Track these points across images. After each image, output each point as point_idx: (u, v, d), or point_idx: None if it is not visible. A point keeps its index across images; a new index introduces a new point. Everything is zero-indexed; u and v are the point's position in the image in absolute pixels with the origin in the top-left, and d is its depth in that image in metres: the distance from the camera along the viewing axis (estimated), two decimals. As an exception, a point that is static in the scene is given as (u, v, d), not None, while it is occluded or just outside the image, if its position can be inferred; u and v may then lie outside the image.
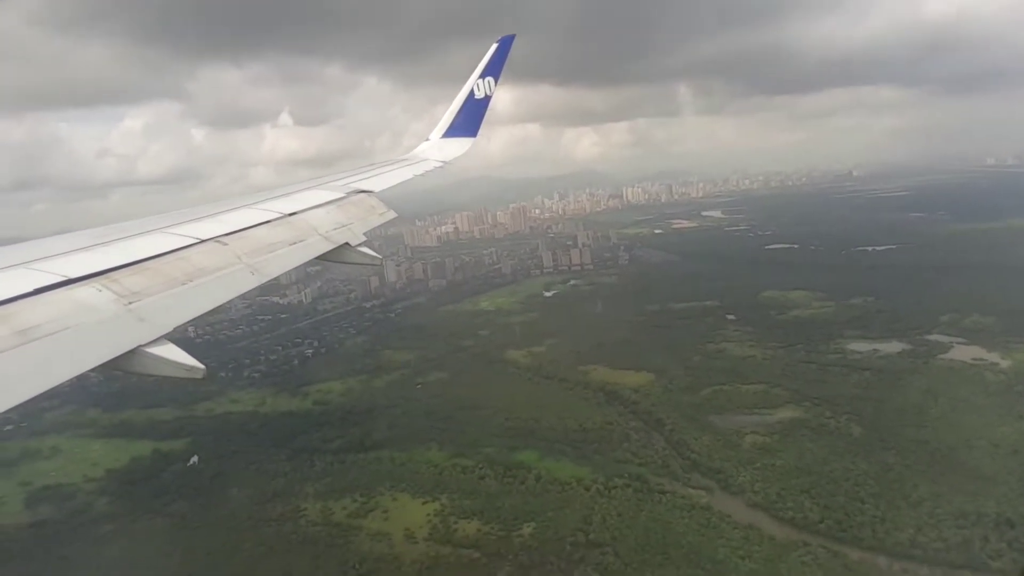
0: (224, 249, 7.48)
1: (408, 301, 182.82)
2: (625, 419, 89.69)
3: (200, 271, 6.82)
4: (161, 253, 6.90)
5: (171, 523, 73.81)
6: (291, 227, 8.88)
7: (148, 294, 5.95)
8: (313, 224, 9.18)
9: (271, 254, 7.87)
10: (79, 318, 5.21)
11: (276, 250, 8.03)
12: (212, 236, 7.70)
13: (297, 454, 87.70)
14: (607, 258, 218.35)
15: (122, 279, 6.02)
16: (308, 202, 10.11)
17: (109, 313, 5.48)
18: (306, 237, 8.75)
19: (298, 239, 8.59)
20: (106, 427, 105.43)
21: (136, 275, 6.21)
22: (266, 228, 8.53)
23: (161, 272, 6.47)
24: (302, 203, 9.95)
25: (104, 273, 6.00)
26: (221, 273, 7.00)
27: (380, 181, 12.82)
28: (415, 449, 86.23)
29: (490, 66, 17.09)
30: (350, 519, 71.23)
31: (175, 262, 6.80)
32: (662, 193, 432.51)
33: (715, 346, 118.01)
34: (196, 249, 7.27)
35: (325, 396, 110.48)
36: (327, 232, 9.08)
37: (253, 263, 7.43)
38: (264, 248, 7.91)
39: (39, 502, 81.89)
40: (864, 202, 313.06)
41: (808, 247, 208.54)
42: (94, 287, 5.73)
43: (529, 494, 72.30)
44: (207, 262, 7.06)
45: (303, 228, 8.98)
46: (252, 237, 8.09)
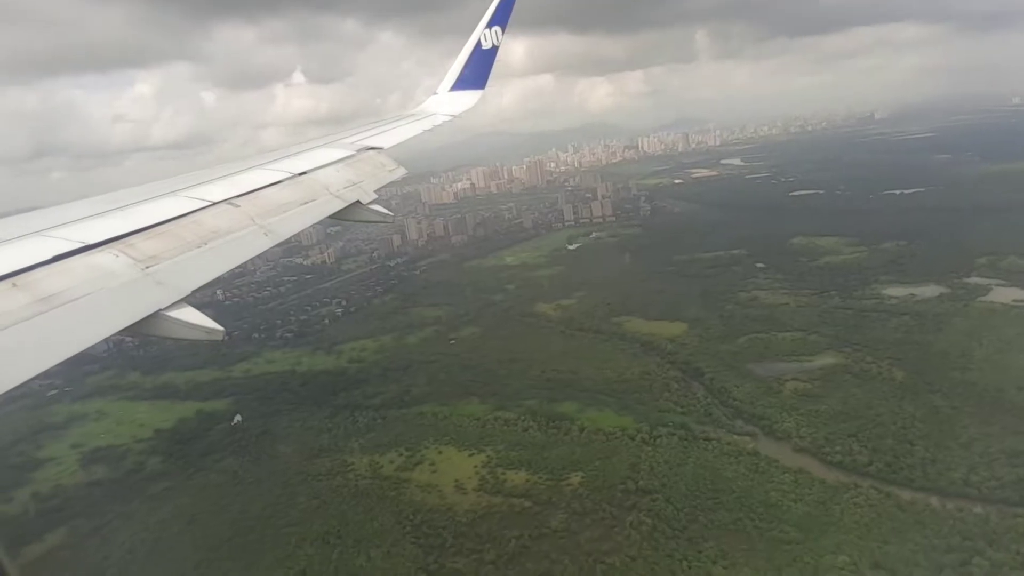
0: (237, 211, 7.48)
1: (432, 258, 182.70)
2: (663, 369, 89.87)
3: (214, 234, 6.83)
4: (175, 217, 6.90)
5: (224, 479, 75.50)
6: (302, 187, 8.86)
7: (164, 258, 6.00)
8: (324, 183, 9.14)
9: (283, 214, 7.85)
10: (99, 284, 5.27)
11: (288, 210, 8.02)
12: (224, 198, 7.69)
13: (339, 411, 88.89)
14: (628, 209, 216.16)
15: (138, 244, 6.05)
16: (318, 161, 10.06)
17: (128, 278, 5.53)
18: (317, 196, 8.73)
19: (309, 198, 8.58)
20: (148, 389, 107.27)
21: (152, 239, 6.24)
22: (277, 189, 8.52)
23: (176, 236, 6.49)
24: (312, 162, 9.91)
25: (120, 238, 6.04)
26: (235, 235, 7.03)
27: (389, 137, 12.66)
28: (456, 403, 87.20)
29: (497, 15, 16.44)
30: (398, 472, 72.42)
31: (189, 225, 6.82)
32: (679, 142, 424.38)
33: (747, 294, 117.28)
34: (209, 212, 7.28)
35: (360, 354, 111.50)
36: (338, 191, 9.06)
37: (266, 224, 7.44)
38: (276, 209, 7.90)
39: (93, 462, 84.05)
40: (889, 145, 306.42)
41: (834, 192, 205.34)
42: (111, 253, 5.78)
43: (574, 444, 73.00)
44: (220, 224, 7.06)
45: (314, 187, 8.95)
46: (264, 198, 8.08)
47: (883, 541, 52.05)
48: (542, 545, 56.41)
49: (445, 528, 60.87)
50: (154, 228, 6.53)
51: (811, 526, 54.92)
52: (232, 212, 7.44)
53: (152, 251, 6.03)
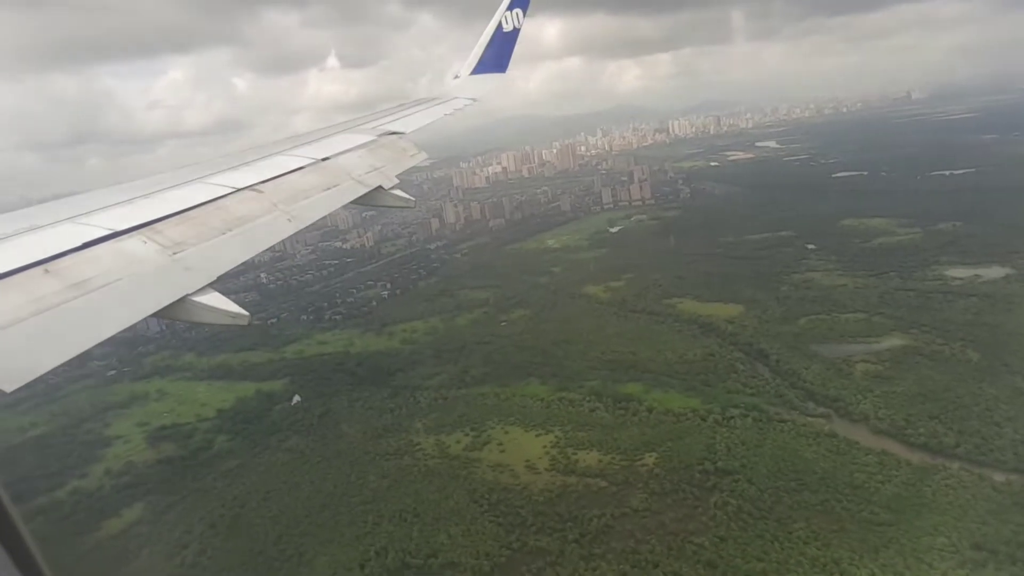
0: (261, 197, 7.56)
1: (471, 241, 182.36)
2: (726, 350, 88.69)
3: (239, 220, 6.91)
4: (200, 203, 6.98)
5: (292, 458, 76.12)
6: (325, 172, 8.92)
7: (191, 244, 6.07)
8: (346, 168, 9.20)
9: (306, 200, 7.92)
10: (128, 270, 5.34)
11: (311, 196, 8.08)
12: (248, 184, 7.77)
13: (399, 391, 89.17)
14: (667, 192, 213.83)
15: (165, 230, 6.14)
16: (340, 146, 10.13)
17: (156, 264, 5.62)
18: (340, 182, 8.79)
19: (332, 184, 8.64)
20: (205, 370, 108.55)
21: (178, 226, 6.32)
22: (300, 174, 8.59)
23: (202, 222, 6.57)
24: (334, 148, 9.97)
25: (148, 225, 6.12)
26: (259, 221, 7.10)
27: (410, 122, 12.60)
28: (516, 384, 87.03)
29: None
30: (466, 452, 72.43)
31: (214, 211, 6.91)
32: (710, 125, 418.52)
33: (801, 276, 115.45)
34: (234, 198, 7.37)
35: (411, 335, 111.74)
36: (360, 176, 9.11)
37: (289, 210, 7.50)
38: (299, 194, 7.96)
39: (160, 440, 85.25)
40: (929, 126, 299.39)
41: (879, 173, 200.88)
42: (139, 239, 5.86)
43: (644, 425, 72.42)
44: (245, 210, 7.15)
45: (336, 173, 9.02)
46: (287, 184, 8.15)
47: (981, 522, 50.84)
48: (625, 524, 56.00)
49: (523, 507, 60.68)
50: (181, 214, 6.60)
51: (903, 507, 53.83)
52: (256, 198, 7.52)
53: (179, 237, 6.11)
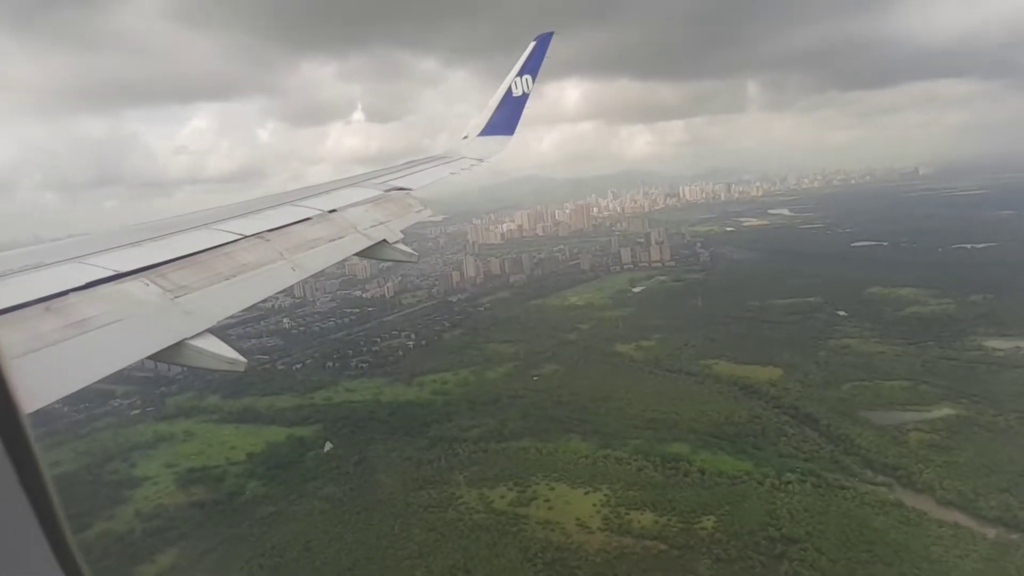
0: (267, 245, 7.62)
1: (493, 295, 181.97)
2: (771, 413, 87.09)
3: (243, 266, 6.96)
4: (206, 248, 7.03)
5: (329, 507, 73.68)
6: (331, 224, 9.04)
7: (194, 288, 6.11)
8: (352, 221, 9.34)
9: (312, 250, 8.01)
10: (128, 311, 5.39)
11: (316, 246, 8.17)
12: (255, 232, 7.81)
13: (436, 442, 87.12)
14: (686, 255, 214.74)
15: (169, 273, 6.18)
16: (347, 199, 10.30)
17: (156, 306, 5.66)
18: (345, 234, 8.92)
19: (337, 236, 8.76)
20: (231, 413, 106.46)
21: (182, 270, 6.37)
22: (307, 225, 8.69)
23: (206, 266, 6.61)
24: (342, 200, 10.14)
25: (152, 267, 6.16)
26: (264, 268, 7.15)
27: (417, 179, 12.89)
28: (556, 440, 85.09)
29: (528, 63, 16.74)
30: (512, 507, 70.12)
31: (220, 257, 6.95)
32: (720, 192, 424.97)
33: (837, 342, 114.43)
34: (240, 244, 7.41)
35: (442, 387, 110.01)
36: (365, 229, 9.24)
37: (294, 259, 7.57)
38: (305, 244, 8.04)
39: (191, 483, 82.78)
40: (940, 200, 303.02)
41: (899, 244, 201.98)
42: (142, 281, 5.91)
43: (698, 487, 70.29)
44: (250, 258, 7.20)
45: (342, 225, 9.14)
46: (294, 234, 8.23)
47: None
48: (694, 591, 53.60)
49: (580, 568, 58.35)
50: (186, 259, 6.62)
51: (987, 584, 51.61)
52: (262, 246, 7.58)
53: (182, 281, 6.14)
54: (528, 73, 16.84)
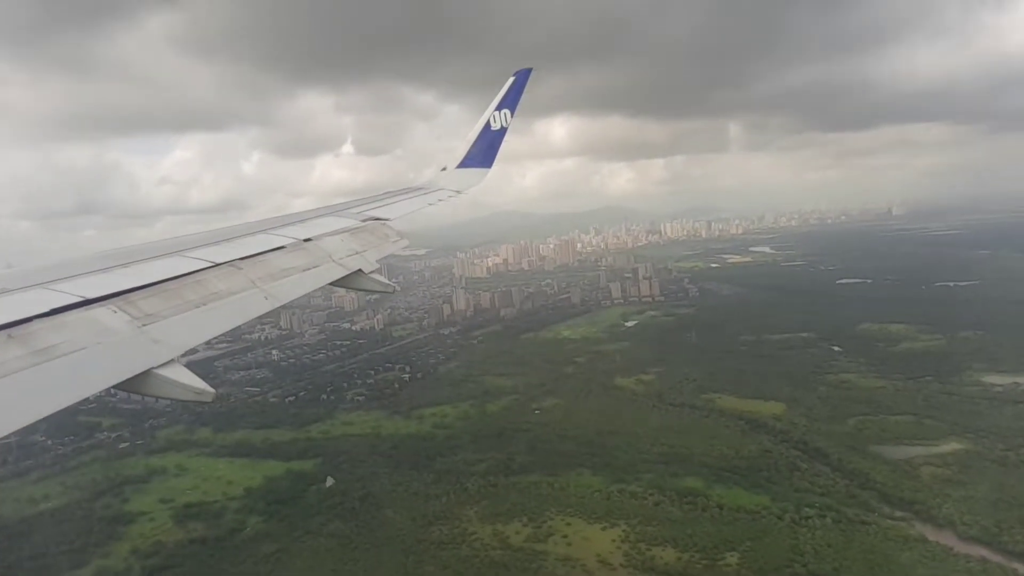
0: (239, 273, 7.52)
1: (485, 328, 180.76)
2: (781, 448, 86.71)
3: (214, 295, 6.86)
4: (177, 276, 6.90)
5: (337, 544, 71.18)
6: (306, 253, 8.98)
7: (162, 316, 5.99)
8: (328, 251, 9.29)
9: (285, 279, 7.92)
10: (94, 339, 5.23)
11: (290, 275, 8.08)
12: (228, 260, 7.72)
13: (443, 476, 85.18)
14: (675, 290, 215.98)
15: (138, 301, 6.06)
16: (323, 229, 10.24)
17: (123, 335, 5.50)
18: (320, 263, 8.85)
19: (312, 265, 8.69)
20: (224, 446, 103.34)
21: (152, 297, 6.25)
22: (281, 253, 8.59)
23: (176, 294, 6.50)
24: (318, 229, 10.08)
25: (120, 294, 6.03)
26: (235, 297, 7.03)
27: (394, 209, 12.97)
28: (566, 474, 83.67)
29: (507, 98, 17.03)
30: (529, 543, 68.40)
31: (191, 285, 6.85)
32: (701, 229, 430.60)
33: (835, 377, 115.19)
34: (212, 272, 7.31)
35: (442, 420, 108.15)
36: (341, 258, 9.20)
37: (267, 288, 7.47)
38: (278, 273, 7.96)
39: (188, 519, 79.63)
40: (917, 239, 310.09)
41: (883, 281, 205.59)
42: (110, 308, 5.76)
43: (717, 522, 69.29)
44: (222, 286, 7.10)
45: (318, 254, 9.08)
46: (267, 262, 8.14)
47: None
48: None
49: (606, 606, 56.70)
50: (155, 286, 6.50)
51: (1023, 620, 51.07)
52: (235, 274, 7.46)
53: (150, 309, 6.03)
54: (507, 107, 17.08)
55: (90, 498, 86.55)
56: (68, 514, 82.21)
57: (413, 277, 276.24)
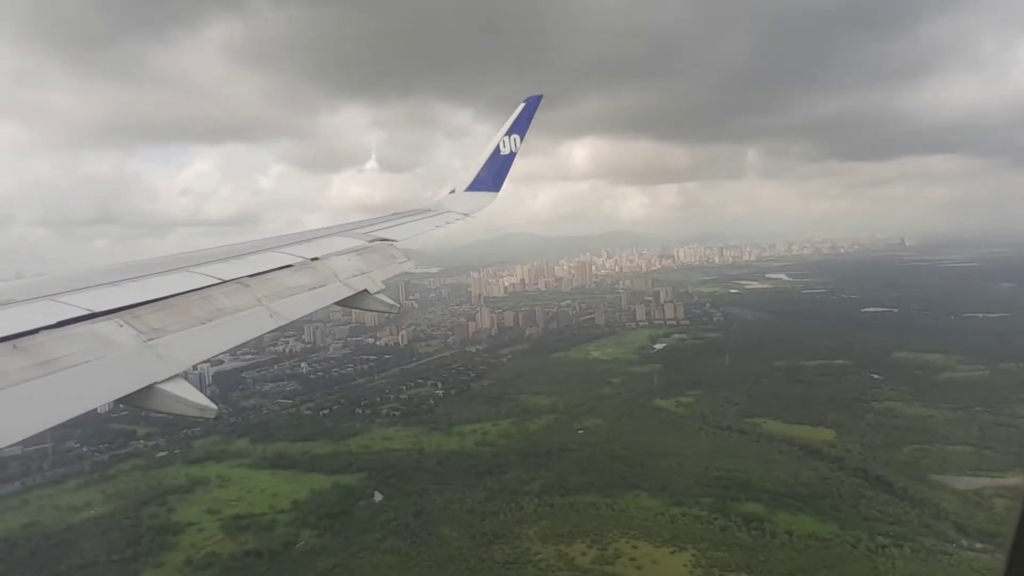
0: (246, 291, 7.53)
1: (512, 347, 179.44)
2: (840, 475, 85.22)
3: (220, 311, 6.85)
4: (183, 291, 6.90)
5: (398, 560, 69.52)
6: (313, 272, 8.99)
7: (168, 331, 5.98)
8: (334, 270, 9.31)
9: (291, 297, 7.92)
10: (99, 352, 5.23)
11: (296, 294, 8.09)
12: (235, 277, 7.72)
13: (495, 495, 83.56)
14: (698, 314, 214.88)
15: (144, 315, 6.05)
16: (331, 248, 10.30)
17: (128, 349, 5.49)
18: (326, 282, 8.88)
19: (318, 284, 8.70)
20: (265, 458, 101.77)
21: (157, 312, 6.25)
22: (288, 272, 8.61)
23: (182, 310, 6.50)
24: (325, 249, 10.12)
25: (126, 308, 6.02)
26: (241, 314, 7.03)
27: (402, 230, 13.07)
28: (622, 495, 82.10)
29: (516, 124, 17.36)
30: (598, 566, 66.76)
31: (197, 301, 6.84)
32: (714, 255, 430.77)
33: (880, 404, 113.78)
34: (219, 289, 7.31)
35: (484, 437, 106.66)
36: (347, 278, 9.23)
37: (273, 306, 7.47)
38: (285, 291, 7.96)
39: (238, 530, 78.03)
40: (935, 271, 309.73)
41: (908, 311, 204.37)
42: (116, 322, 5.76)
43: (789, 549, 67.69)
44: (228, 303, 7.10)
45: (324, 274, 9.09)
46: (274, 280, 8.15)
47: None
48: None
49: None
50: (162, 301, 6.48)
51: None
52: (241, 291, 7.44)
53: (156, 323, 5.99)
54: (516, 133, 17.38)
55: (134, 507, 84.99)
56: (114, 523, 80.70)
57: (430, 295, 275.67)
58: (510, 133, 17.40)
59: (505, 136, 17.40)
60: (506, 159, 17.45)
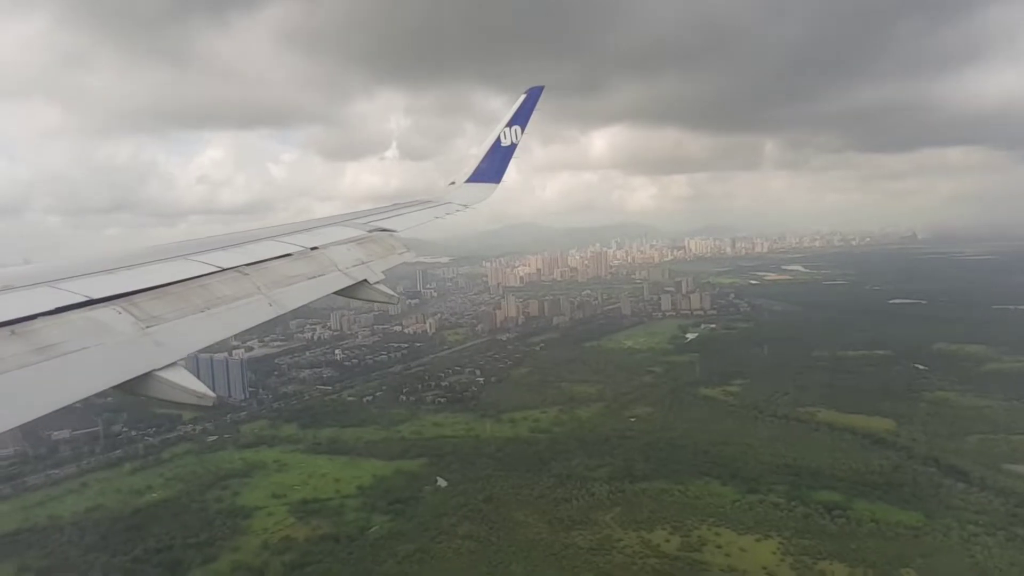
0: (244, 279, 7.47)
1: (541, 336, 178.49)
2: (910, 463, 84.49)
3: (219, 299, 6.79)
4: (182, 279, 6.84)
5: (479, 546, 68.52)
6: (312, 261, 8.94)
7: (166, 319, 5.91)
8: (333, 260, 9.27)
9: (290, 287, 7.85)
10: (97, 339, 5.17)
11: (295, 283, 8.01)
12: (234, 265, 7.66)
13: (563, 481, 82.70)
14: (724, 304, 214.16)
15: (142, 303, 5.98)
16: (331, 238, 10.26)
17: (126, 336, 5.43)
18: (326, 272, 8.83)
19: (317, 273, 8.65)
20: (318, 444, 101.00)
21: (156, 299, 6.19)
22: (287, 261, 8.55)
23: (181, 297, 6.45)
24: (325, 238, 10.09)
25: (125, 296, 5.95)
26: (240, 303, 6.97)
27: (402, 221, 13.11)
28: (692, 482, 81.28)
29: (517, 115, 17.28)
30: (684, 552, 65.89)
31: (196, 289, 6.79)
32: (725, 247, 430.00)
33: (931, 394, 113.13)
34: (217, 277, 7.25)
35: (537, 424, 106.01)
36: (346, 268, 9.17)
37: (272, 295, 7.41)
38: (284, 280, 7.89)
39: (308, 515, 77.09)
40: (954, 263, 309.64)
41: (937, 303, 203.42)
42: (114, 309, 5.67)
43: (879, 537, 66.80)
44: (227, 291, 7.03)
45: (324, 263, 9.05)
46: (273, 269, 8.09)
47: None
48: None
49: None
50: (161, 288, 6.42)
51: None
52: (240, 280, 7.38)
53: (155, 311, 5.94)
54: (517, 124, 17.29)
55: (196, 490, 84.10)
56: (181, 506, 79.73)
57: (447, 284, 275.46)
58: (511, 124, 17.28)
59: (506, 127, 17.28)
60: (507, 150, 17.37)
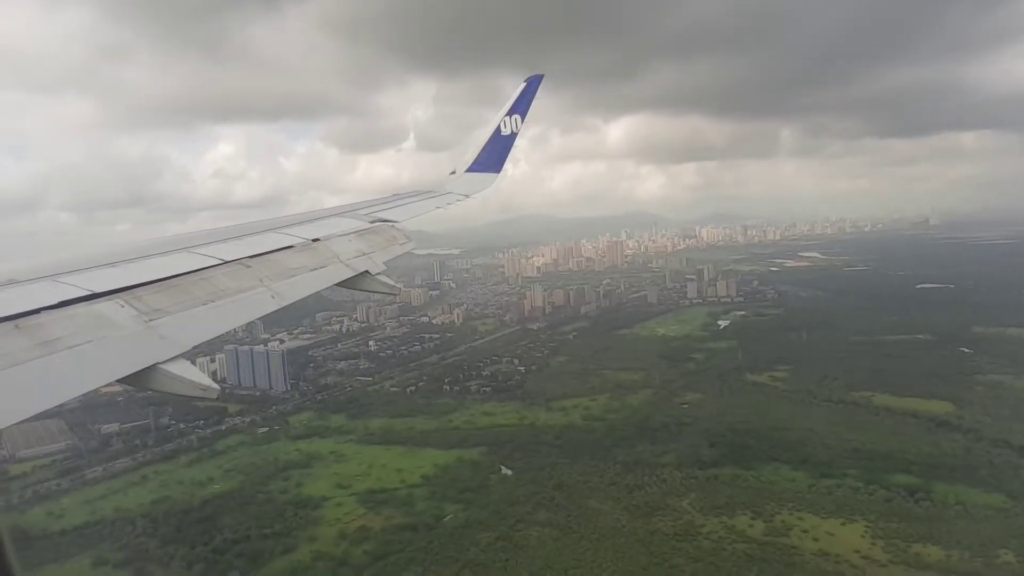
0: (247, 271, 7.42)
1: (572, 324, 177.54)
2: (982, 446, 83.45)
3: (221, 292, 6.74)
4: (185, 272, 6.81)
5: (560, 533, 67.74)
6: (314, 253, 8.95)
7: (169, 312, 5.87)
8: (335, 251, 9.28)
9: (293, 279, 7.83)
10: (100, 332, 5.17)
11: (297, 275, 7.99)
12: (236, 258, 7.64)
13: (631, 468, 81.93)
14: (750, 292, 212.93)
15: (145, 296, 5.94)
16: (332, 229, 10.26)
17: (130, 329, 5.40)
18: (327, 263, 8.82)
19: (319, 265, 8.63)
20: (371, 434, 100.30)
21: (159, 292, 6.15)
22: (290, 253, 8.53)
23: (183, 290, 6.42)
24: (327, 230, 10.11)
25: (128, 289, 5.93)
26: (242, 295, 6.91)
27: (403, 212, 13.07)
28: (761, 467, 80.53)
29: (517, 104, 17.18)
30: (771, 538, 65.15)
31: (198, 281, 6.74)
32: (737, 235, 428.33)
33: (984, 377, 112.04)
34: (220, 270, 7.19)
35: (588, 412, 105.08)
36: (348, 259, 9.17)
37: (274, 287, 7.37)
38: (286, 272, 7.87)
39: (377, 505, 76.35)
40: (973, 248, 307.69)
41: (964, 287, 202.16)
42: (117, 302, 5.64)
43: (968, 519, 66.15)
44: (229, 283, 6.99)
45: (326, 255, 9.06)
46: (275, 261, 8.06)
47: None
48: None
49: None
50: (163, 281, 6.36)
51: None
52: (242, 272, 7.38)
53: (158, 304, 5.88)
54: (517, 113, 17.19)
55: (259, 481, 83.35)
56: (247, 497, 78.92)
57: (464, 275, 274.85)
58: (511, 113, 17.13)
59: (506, 116, 17.12)
60: (507, 139, 17.25)
